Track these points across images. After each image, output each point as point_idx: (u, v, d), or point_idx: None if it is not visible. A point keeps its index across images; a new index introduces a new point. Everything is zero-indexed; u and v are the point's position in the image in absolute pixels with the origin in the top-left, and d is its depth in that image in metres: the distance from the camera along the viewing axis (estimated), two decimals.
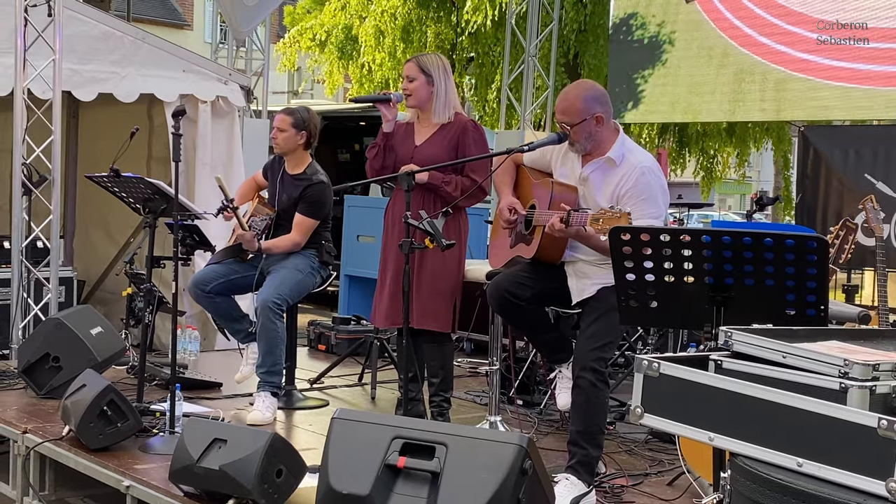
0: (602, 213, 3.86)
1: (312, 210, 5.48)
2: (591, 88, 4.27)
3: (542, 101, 11.22)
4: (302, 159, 5.60)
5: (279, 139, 5.55)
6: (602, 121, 4.16)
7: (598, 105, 4.18)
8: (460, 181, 4.89)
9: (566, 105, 4.20)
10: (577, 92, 4.25)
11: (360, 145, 12.34)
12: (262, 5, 9.22)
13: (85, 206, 8.35)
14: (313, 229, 5.51)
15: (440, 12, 15.45)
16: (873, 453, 2.13)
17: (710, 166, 17.70)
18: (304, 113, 5.58)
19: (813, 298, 3.08)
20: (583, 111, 4.15)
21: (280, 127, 5.53)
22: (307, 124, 5.54)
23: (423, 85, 4.97)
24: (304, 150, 5.59)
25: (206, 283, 5.47)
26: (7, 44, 6.28)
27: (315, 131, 5.59)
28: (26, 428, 4.84)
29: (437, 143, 4.95)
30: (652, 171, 4.16)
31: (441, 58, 5.09)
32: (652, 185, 4.13)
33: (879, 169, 8.15)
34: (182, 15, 32.35)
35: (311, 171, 5.57)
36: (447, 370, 5.09)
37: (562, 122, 4.20)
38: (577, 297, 4.28)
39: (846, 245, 4.81)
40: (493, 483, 3.13)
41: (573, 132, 4.17)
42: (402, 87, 5.03)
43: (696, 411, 2.48)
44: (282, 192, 5.59)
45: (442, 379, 5.06)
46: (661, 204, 4.16)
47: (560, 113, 4.21)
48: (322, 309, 10.13)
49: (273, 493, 3.72)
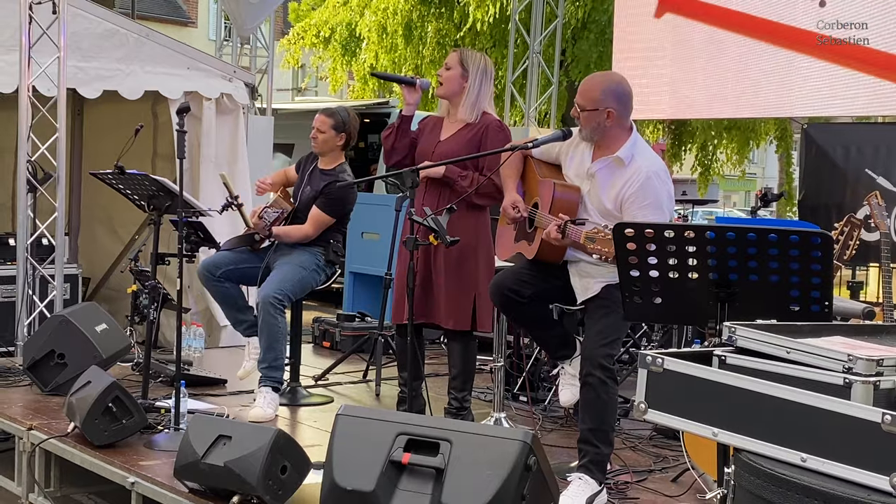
0: (595, 231, 3.84)
1: (330, 206, 5.48)
2: (617, 83, 4.22)
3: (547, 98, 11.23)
4: (337, 157, 5.62)
5: (318, 140, 5.55)
6: (613, 117, 4.12)
7: (616, 101, 4.13)
8: (476, 177, 4.84)
9: (586, 88, 4.19)
10: (602, 80, 4.25)
11: (364, 142, 12.32)
12: (265, 2, 9.21)
13: (90, 203, 8.36)
14: (327, 226, 5.51)
15: (441, 8, 15.44)
16: (877, 448, 2.14)
17: (708, 162, 17.69)
18: (345, 115, 5.58)
19: (817, 294, 3.08)
20: (598, 101, 4.11)
21: (320, 128, 5.53)
22: (347, 126, 5.55)
23: (457, 77, 4.91)
24: (341, 151, 5.62)
25: (216, 268, 5.47)
26: (12, 41, 6.28)
27: (354, 133, 5.61)
28: (31, 424, 4.85)
29: (459, 140, 4.90)
30: (659, 175, 4.11)
31: (486, 59, 5.01)
32: (657, 190, 4.08)
33: (881, 165, 8.16)
34: (186, 12, 32.35)
35: (339, 170, 5.57)
36: (464, 369, 5.01)
37: (577, 102, 4.18)
38: (582, 295, 4.27)
39: (850, 241, 4.80)
40: (498, 479, 3.14)
41: (583, 117, 4.15)
42: (438, 73, 5.00)
43: (700, 407, 2.48)
44: (307, 185, 5.60)
45: (455, 376, 5.01)
46: (667, 210, 4.12)
47: (579, 94, 4.19)
48: (327, 306, 10.13)
49: (277, 490, 3.72)
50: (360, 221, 8.83)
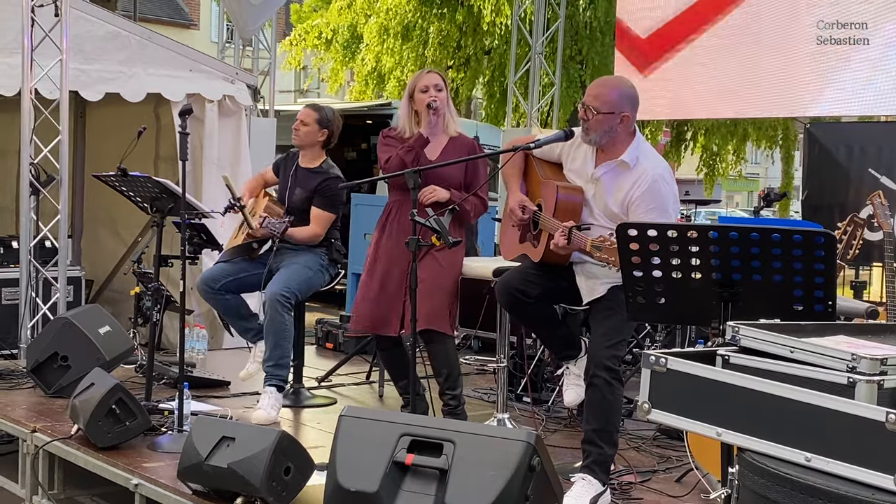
0: (602, 240, 3.85)
1: (330, 203, 5.51)
2: (631, 87, 4.23)
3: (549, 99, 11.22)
4: (318, 155, 5.66)
5: (301, 132, 5.58)
6: (627, 121, 4.12)
7: (630, 106, 4.13)
8: (474, 201, 4.90)
9: (602, 91, 4.13)
10: (617, 84, 4.22)
11: (367, 144, 12.33)
12: (267, 4, 9.22)
13: (92, 205, 8.37)
14: (331, 223, 5.53)
15: (443, 9, 15.44)
16: (881, 447, 2.13)
17: (712, 163, 17.68)
18: (330, 113, 5.64)
19: (821, 294, 3.07)
20: (615, 104, 4.09)
21: (304, 120, 5.58)
22: (330, 124, 5.60)
23: (447, 96, 5.01)
24: (321, 148, 5.64)
25: (215, 281, 5.48)
26: (14, 44, 6.29)
27: (336, 133, 5.65)
28: (35, 427, 4.85)
29: (453, 157, 4.93)
30: (664, 178, 4.11)
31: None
32: (663, 193, 4.08)
33: (884, 165, 8.15)
34: (188, 14, 32.38)
35: (326, 166, 5.62)
36: (452, 370, 5.00)
37: (590, 104, 4.11)
38: (588, 296, 4.26)
39: (853, 241, 4.79)
40: (501, 480, 3.13)
41: (594, 120, 4.10)
42: (432, 96, 4.92)
43: (704, 406, 2.48)
44: (294, 185, 5.59)
45: (446, 377, 5.00)
46: (672, 212, 4.13)
47: (592, 97, 4.12)
48: (330, 307, 10.14)
49: (281, 491, 3.72)
50: (362, 222, 8.87)
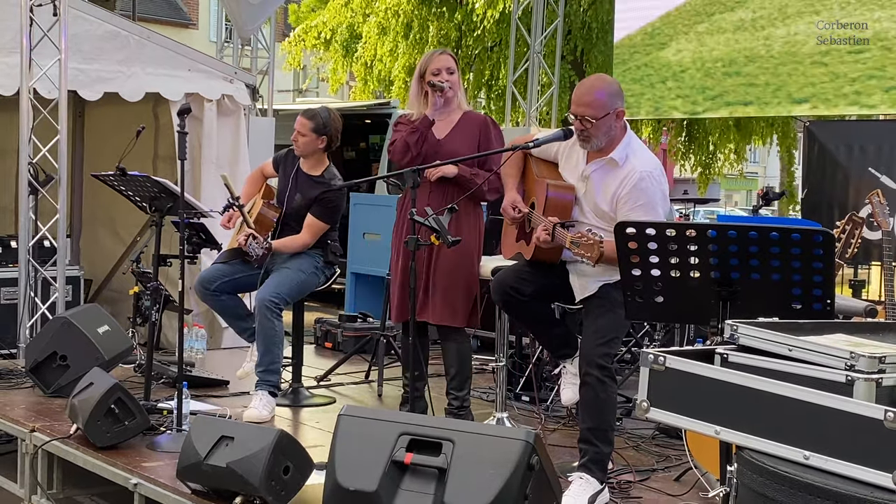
0: (579, 236, 3.84)
1: (327, 214, 5.45)
2: (613, 82, 4.23)
3: (548, 98, 11.22)
4: (321, 161, 5.56)
5: (300, 143, 5.48)
6: (622, 115, 4.11)
7: (619, 100, 4.11)
8: (483, 174, 4.83)
9: (591, 98, 4.05)
10: (602, 85, 4.15)
11: (365, 143, 12.34)
12: (266, 3, 9.21)
13: (91, 205, 8.37)
14: (323, 232, 5.49)
15: (443, 8, 15.44)
16: (880, 445, 2.14)
17: (708, 162, 17.67)
18: (326, 116, 5.47)
19: (819, 292, 3.08)
20: (607, 105, 4.05)
21: (300, 131, 5.46)
22: (328, 129, 5.46)
23: (458, 77, 4.95)
24: (324, 153, 5.54)
25: (211, 282, 5.47)
26: (13, 43, 6.29)
27: (336, 134, 5.52)
28: (34, 426, 4.85)
29: (462, 137, 4.89)
30: (652, 176, 4.07)
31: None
32: (650, 191, 4.05)
33: (884, 163, 8.15)
34: (187, 14, 32.37)
35: (329, 175, 5.51)
36: (461, 369, 4.99)
37: (584, 115, 4.04)
38: (580, 294, 4.27)
39: (852, 240, 4.79)
40: (500, 479, 3.14)
41: (594, 127, 4.05)
42: (442, 79, 4.83)
43: (703, 405, 2.48)
44: (295, 190, 5.54)
45: (452, 376, 4.99)
46: (661, 210, 4.09)
47: (583, 106, 4.05)
48: (328, 306, 10.14)
49: (280, 490, 3.72)
50: (361, 222, 8.88)
